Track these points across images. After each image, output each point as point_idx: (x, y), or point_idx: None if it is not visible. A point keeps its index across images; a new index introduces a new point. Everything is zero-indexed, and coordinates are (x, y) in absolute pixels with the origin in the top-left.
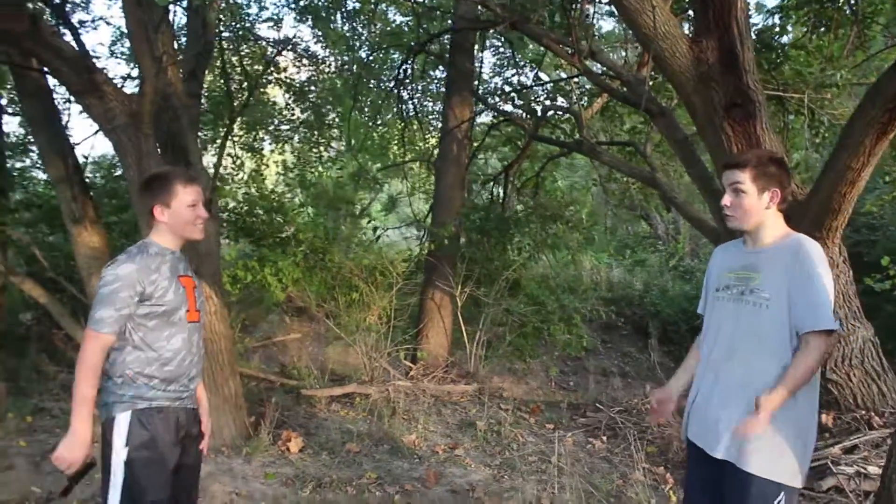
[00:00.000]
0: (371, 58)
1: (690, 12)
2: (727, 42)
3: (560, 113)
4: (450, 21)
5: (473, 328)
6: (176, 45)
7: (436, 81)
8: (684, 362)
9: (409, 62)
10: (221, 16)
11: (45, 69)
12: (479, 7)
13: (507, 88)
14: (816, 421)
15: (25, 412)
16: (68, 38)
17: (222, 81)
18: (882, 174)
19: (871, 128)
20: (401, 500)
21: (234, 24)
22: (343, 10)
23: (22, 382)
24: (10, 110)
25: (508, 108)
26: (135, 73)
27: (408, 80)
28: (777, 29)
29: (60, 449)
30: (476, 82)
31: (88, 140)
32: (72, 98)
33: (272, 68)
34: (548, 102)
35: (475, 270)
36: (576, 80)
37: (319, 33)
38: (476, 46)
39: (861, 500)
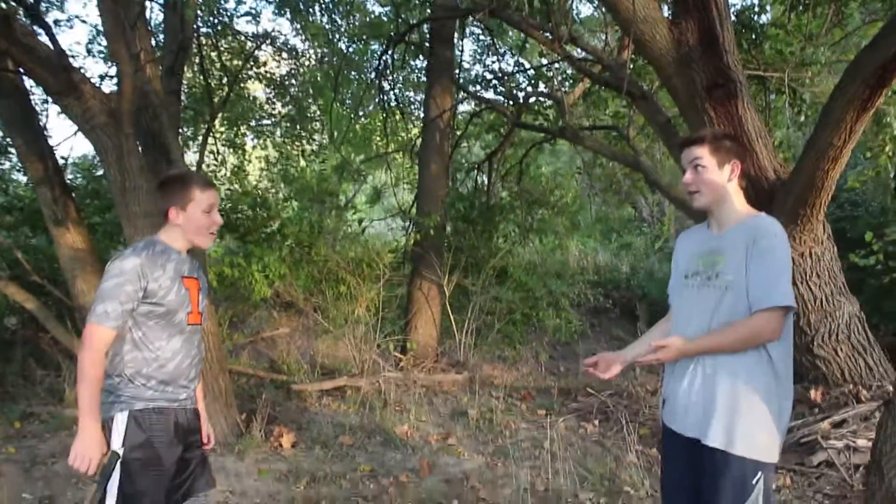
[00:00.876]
0: (351, 49)
1: None
2: (706, 23)
3: (542, 99)
4: (429, 10)
5: (462, 317)
6: (153, 43)
7: (416, 71)
8: (646, 334)
9: (389, 53)
10: (199, 11)
11: (21, 70)
12: None
13: (489, 76)
14: (793, 397)
15: (13, 418)
16: (43, 37)
17: (202, 78)
18: (863, 150)
19: (851, 104)
20: (395, 491)
21: (211, 19)
22: (321, 2)
23: (9, 388)
24: None
25: (490, 95)
26: (112, 71)
27: (388, 71)
28: (756, 9)
29: (75, 449)
30: (457, 71)
31: (68, 141)
32: (49, 99)
33: (252, 63)
34: (529, 89)
35: (462, 259)
36: (557, 65)
37: (298, 26)
38: (456, 35)
39: (851, 472)
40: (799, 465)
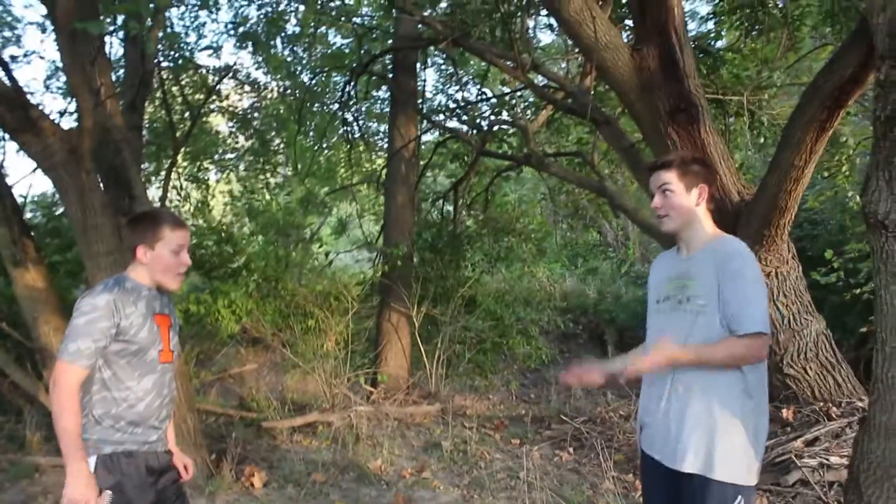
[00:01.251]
0: (314, 81)
1: (629, 21)
2: (667, 49)
3: (506, 127)
4: (391, 41)
5: (432, 347)
6: (114, 77)
7: (380, 102)
8: (622, 357)
9: (352, 84)
10: (160, 45)
11: None
12: (420, 25)
13: (452, 105)
14: (767, 419)
15: None
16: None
17: (163, 112)
18: (821, 170)
19: (811, 125)
20: None
21: (172, 52)
22: (283, 35)
23: None
24: None
25: (454, 124)
26: (72, 107)
27: (352, 102)
28: (712, 34)
29: (68, 495)
30: (420, 100)
31: (26, 179)
32: (6, 136)
33: (215, 97)
34: (493, 117)
35: (430, 289)
36: (519, 93)
37: (260, 59)
38: (419, 64)
39: (826, 490)
40: (774, 485)
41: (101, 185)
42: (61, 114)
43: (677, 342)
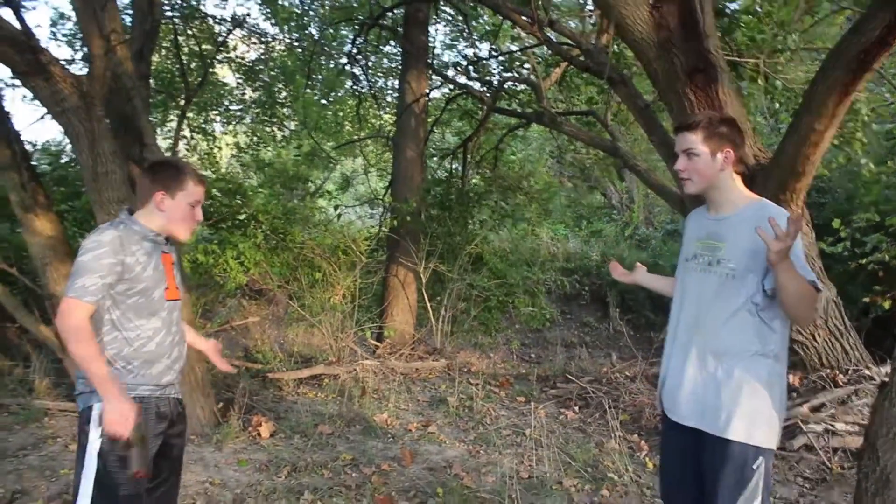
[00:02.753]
0: (322, 34)
1: None
2: (687, 6)
3: (517, 84)
4: None
5: (438, 304)
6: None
7: (389, 57)
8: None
9: (362, 37)
10: None
11: None
12: None
13: (464, 61)
14: (787, 382)
15: None
16: (9, 17)
17: (169, 62)
18: (834, 137)
19: (833, 89)
20: (378, 479)
21: (179, 1)
22: None
23: None
24: None
25: (464, 81)
26: (78, 56)
27: (361, 56)
28: None
29: (108, 415)
30: (430, 56)
31: (34, 126)
32: (15, 82)
33: (223, 48)
34: (505, 74)
35: (438, 246)
36: (532, 50)
37: (268, 10)
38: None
39: (830, 456)
40: (780, 449)
41: (111, 132)
42: (67, 62)
43: (702, 305)
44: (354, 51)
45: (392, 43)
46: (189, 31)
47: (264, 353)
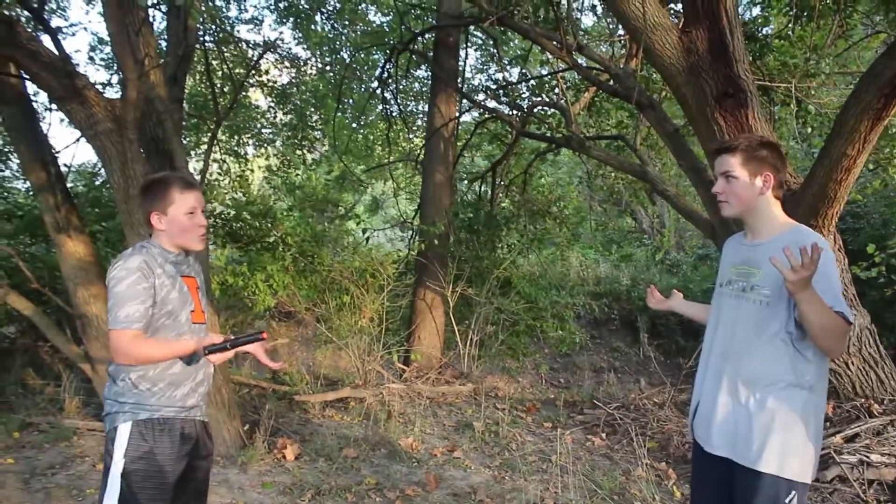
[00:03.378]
0: (353, 58)
1: (678, 3)
2: (717, 31)
3: (546, 109)
4: (433, 19)
5: (465, 328)
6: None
7: (419, 81)
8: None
9: (392, 62)
10: (202, 17)
11: (24, 75)
12: (464, 2)
13: (493, 86)
14: (824, 415)
15: (12, 428)
16: (47, 43)
17: (203, 86)
18: (867, 162)
19: (865, 114)
20: None
21: (214, 26)
22: (324, 10)
23: (8, 397)
24: None
25: (493, 105)
26: (114, 80)
27: (391, 80)
28: (759, 20)
29: (210, 360)
30: (460, 80)
31: (69, 148)
32: (52, 106)
33: (255, 71)
34: (535, 98)
35: (465, 269)
36: (561, 75)
37: (300, 35)
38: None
39: (865, 488)
40: (813, 480)
41: (143, 155)
42: (104, 86)
43: (737, 331)
44: (385, 75)
45: (423, 67)
46: (223, 56)
47: (291, 376)
